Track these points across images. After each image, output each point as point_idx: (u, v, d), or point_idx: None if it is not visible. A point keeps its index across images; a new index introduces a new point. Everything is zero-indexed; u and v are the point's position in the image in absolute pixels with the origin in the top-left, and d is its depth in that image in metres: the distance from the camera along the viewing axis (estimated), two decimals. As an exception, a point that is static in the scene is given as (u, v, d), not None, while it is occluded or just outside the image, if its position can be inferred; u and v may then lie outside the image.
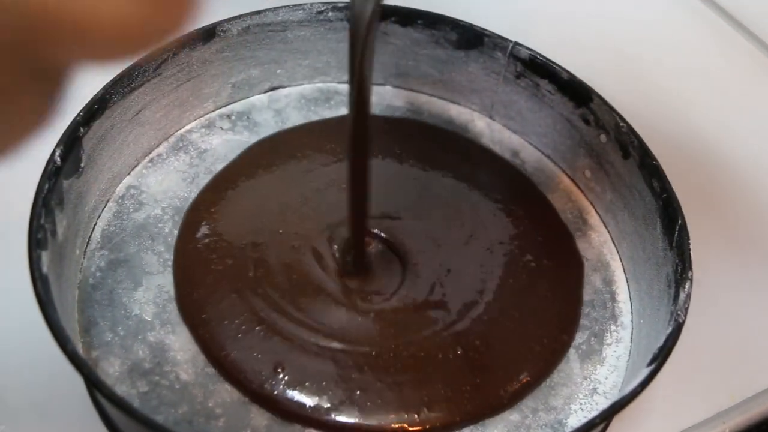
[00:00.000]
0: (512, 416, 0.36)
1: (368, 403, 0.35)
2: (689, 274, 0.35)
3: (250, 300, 0.38)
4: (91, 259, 0.38)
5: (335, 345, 0.37)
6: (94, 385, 0.28)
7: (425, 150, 0.46)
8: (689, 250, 0.35)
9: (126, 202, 0.41)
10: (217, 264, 0.39)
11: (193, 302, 0.38)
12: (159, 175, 0.42)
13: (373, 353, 0.37)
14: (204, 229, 0.40)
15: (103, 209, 0.40)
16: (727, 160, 0.50)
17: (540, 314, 0.39)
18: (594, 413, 0.35)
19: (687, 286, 0.34)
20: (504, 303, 0.39)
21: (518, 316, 0.39)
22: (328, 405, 0.35)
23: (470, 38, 0.45)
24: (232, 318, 0.37)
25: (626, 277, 0.41)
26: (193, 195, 0.42)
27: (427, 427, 0.35)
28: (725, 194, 0.48)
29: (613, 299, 0.40)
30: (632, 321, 0.39)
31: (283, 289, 0.39)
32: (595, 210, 0.44)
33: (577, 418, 0.35)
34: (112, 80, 0.38)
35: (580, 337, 0.39)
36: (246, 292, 0.38)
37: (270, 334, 0.37)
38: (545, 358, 0.38)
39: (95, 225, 0.39)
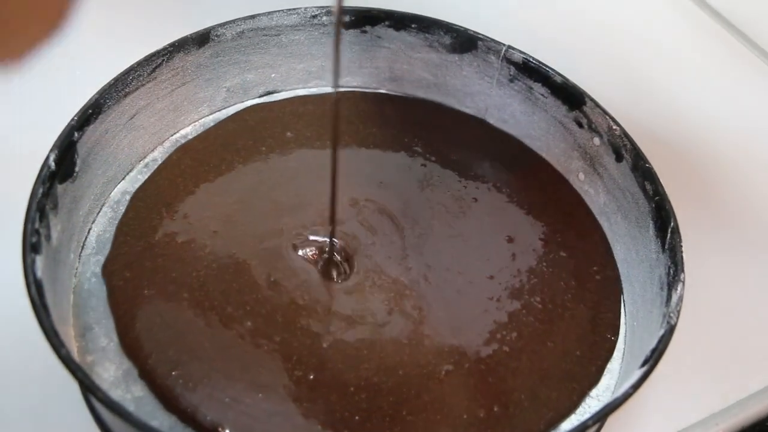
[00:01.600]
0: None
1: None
2: (681, 277, 0.35)
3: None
4: (86, 264, 0.38)
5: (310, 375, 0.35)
6: (89, 389, 0.28)
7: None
8: (681, 252, 0.36)
9: (121, 207, 0.41)
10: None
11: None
12: (154, 180, 0.42)
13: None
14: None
15: (97, 214, 0.40)
16: (719, 162, 0.51)
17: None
18: (587, 416, 0.35)
19: (679, 289, 0.34)
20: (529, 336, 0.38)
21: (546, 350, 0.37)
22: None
23: (464, 42, 0.45)
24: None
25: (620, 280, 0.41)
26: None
27: None
28: (718, 197, 0.49)
29: (607, 302, 0.40)
30: (625, 323, 0.39)
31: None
32: (589, 213, 0.44)
33: (570, 422, 0.35)
34: (106, 84, 0.39)
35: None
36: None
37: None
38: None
39: (90, 230, 0.39)
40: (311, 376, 0.35)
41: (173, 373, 0.34)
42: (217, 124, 0.45)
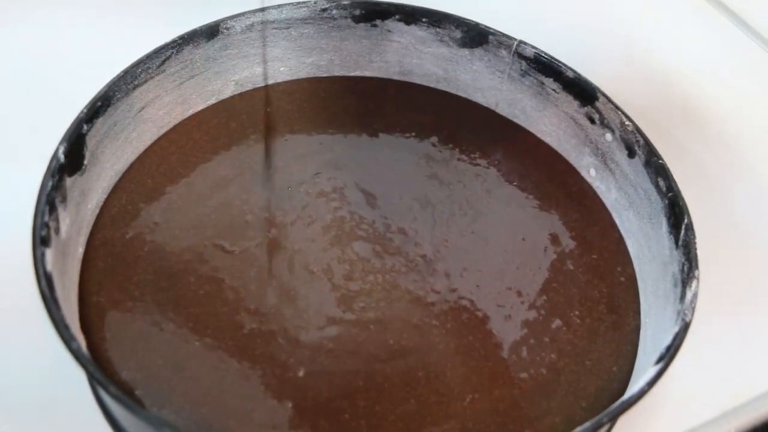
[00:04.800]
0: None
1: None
2: (696, 273, 0.34)
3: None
4: (94, 257, 0.38)
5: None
6: (100, 383, 0.28)
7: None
8: (696, 249, 0.35)
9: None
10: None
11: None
12: (162, 173, 0.42)
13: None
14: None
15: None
16: (733, 158, 0.50)
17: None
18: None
19: (694, 285, 0.34)
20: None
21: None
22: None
23: (475, 36, 0.45)
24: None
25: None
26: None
27: None
28: (731, 193, 0.48)
29: (619, 299, 0.40)
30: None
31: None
32: (600, 209, 0.44)
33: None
34: (115, 77, 0.38)
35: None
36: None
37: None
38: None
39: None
40: (289, 404, 0.32)
41: (136, 392, 0.32)
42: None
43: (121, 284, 0.35)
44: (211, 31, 0.42)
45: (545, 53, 0.43)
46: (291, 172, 0.41)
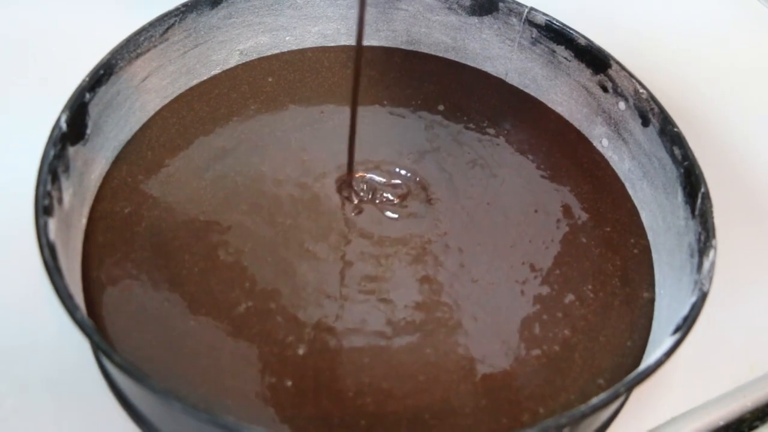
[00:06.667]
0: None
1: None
2: (713, 243, 0.34)
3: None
4: (97, 228, 0.37)
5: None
6: (104, 352, 0.27)
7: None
8: (713, 218, 0.34)
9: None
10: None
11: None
12: (166, 144, 0.41)
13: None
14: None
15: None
16: (747, 126, 0.49)
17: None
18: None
19: (711, 255, 0.33)
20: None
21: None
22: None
23: (484, 4, 0.44)
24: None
25: (646, 248, 0.40)
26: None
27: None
28: (745, 163, 0.47)
29: (632, 270, 0.39)
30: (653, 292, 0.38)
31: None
32: (613, 180, 0.43)
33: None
34: (118, 45, 0.38)
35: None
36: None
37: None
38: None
39: (101, 194, 0.39)
40: (289, 383, 0.31)
41: None
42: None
43: (119, 261, 0.35)
44: (214, -1, 0.41)
45: (557, 20, 0.42)
46: (289, 142, 0.41)
